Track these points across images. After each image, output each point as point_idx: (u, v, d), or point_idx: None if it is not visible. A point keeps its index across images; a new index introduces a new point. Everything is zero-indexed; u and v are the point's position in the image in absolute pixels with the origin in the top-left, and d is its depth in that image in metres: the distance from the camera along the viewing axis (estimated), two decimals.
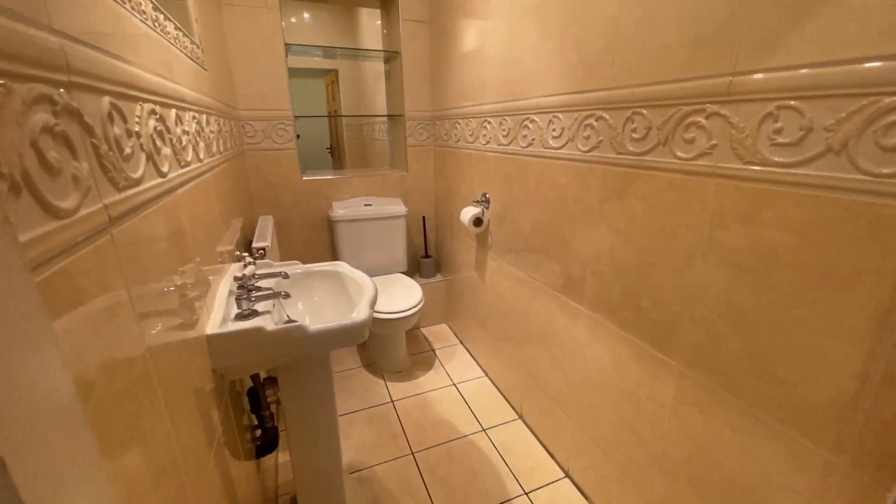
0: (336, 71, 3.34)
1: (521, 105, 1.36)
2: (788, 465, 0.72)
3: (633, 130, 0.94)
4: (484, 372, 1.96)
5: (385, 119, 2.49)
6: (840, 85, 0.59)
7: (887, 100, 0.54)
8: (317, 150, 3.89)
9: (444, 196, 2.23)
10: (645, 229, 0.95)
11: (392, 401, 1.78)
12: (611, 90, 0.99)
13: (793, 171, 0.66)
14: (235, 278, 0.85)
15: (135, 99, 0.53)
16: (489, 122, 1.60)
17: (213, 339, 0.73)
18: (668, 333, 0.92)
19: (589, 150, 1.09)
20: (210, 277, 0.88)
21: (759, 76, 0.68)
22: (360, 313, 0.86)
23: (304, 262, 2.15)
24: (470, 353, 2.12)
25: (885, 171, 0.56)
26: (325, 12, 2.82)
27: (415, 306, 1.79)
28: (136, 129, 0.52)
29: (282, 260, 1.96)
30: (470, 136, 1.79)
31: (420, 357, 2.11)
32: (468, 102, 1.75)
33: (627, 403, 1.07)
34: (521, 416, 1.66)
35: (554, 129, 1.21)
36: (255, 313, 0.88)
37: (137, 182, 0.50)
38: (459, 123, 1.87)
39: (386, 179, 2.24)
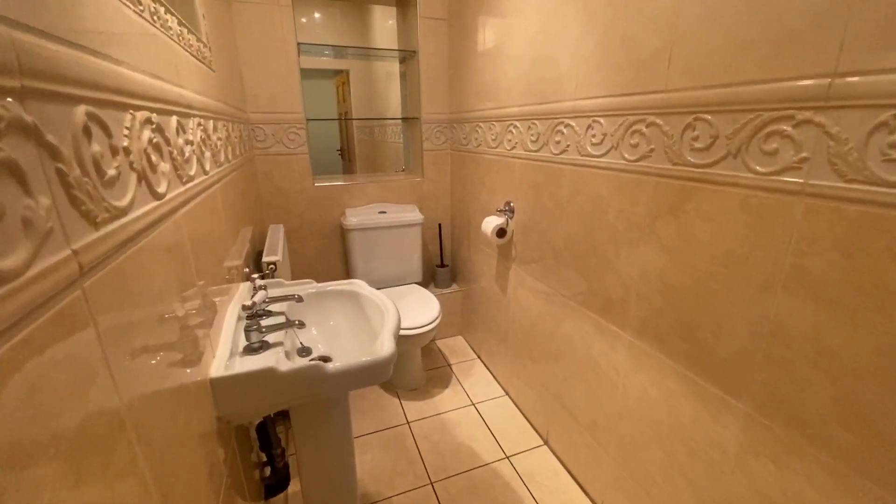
0: (347, 71, 3.25)
1: (553, 108, 1.25)
2: None
3: (695, 139, 0.82)
4: (504, 391, 1.85)
5: (398, 121, 2.39)
6: None
7: None
8: (327, 152, 3.81)
9: (461, 202, 2.12)
10: (707, 252, 0.83)
11: (408, 422, 1.67)
12: (666, 93, 0.87)
13: None
14: (244, 307, 0.75)
15: (123, 107, 0.43)
16: (515, 126, 1.49)
17: (217, 384, 0.63)
18: (735, 371, 0.80)
19: (637, 160, 0.97)
20: (217, 299, 0.78)
21: (871, 78, 0.57)
22: (383, 347, 0.75)
23: (316, 272, 2.08)
24: (488, 370, 2.01)
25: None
26: (336, 10, 2.73)
27: (432, 321, 1.68)
28: (125, 143, 0.42)
29: (293, 272, 1.87)
30: (493, 140, 1.68)
31: (436, 373, 2.01)
32: (491, 105, 1.64)
33: (680, 445, 0.95)
34: (546, 442, 1.55)
35: (594, 135, 1.10)
36: (265, 345, 0.78)
37: (124, 211, 0.40)
38: (481, 127, 1.77)
39: (401, 185, 2.14)
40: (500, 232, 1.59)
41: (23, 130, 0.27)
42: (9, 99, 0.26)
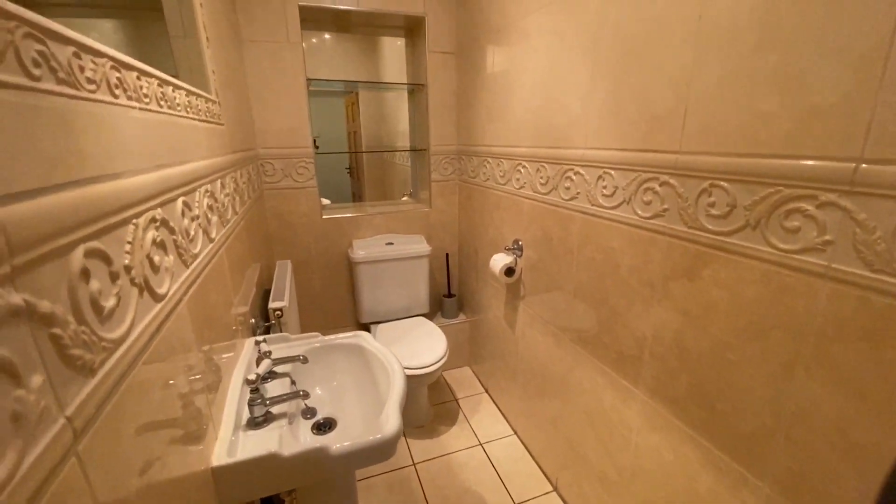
0: (357, 92, 3.28)
1: (563, 154, 1.24)
2: None
3: (711, 205, 0.80)
4: (513, 429, 1.81)
5: (407, 145, 2.40)
6: None
7: None
8: (336, 171, 3.83)
9: (469, 233, 2.11)
10: (725, 321, 0.80)
11: (414, 463, 1.64)
12: (680, 154, 0.85)
13: None
14: (248, 381, 0.73)
15: (125, 222, 0.42)
16: (524, 167, 1.48)
17: (220, 472, 0.61)
18: (756, 448, 0.77)
19: (650, 217, 0.95)
20: (223, 357, 0.77)
21: None
22: (388, 422, 0.73)
23: (323, 305, 2.07)
24: (496, 405, 1.97)
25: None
26: (347, 41, 2.77)
27: (439, 360, 1.65)
28: (126, 261, 0.41)
29: (300, 307, 1.86)
30: (501, 177, 1.66)
31: (442, 408, 1.97)
32: (500, 143, 1.63)
33: None
34: (556, 489, 1.51)
35: (605, 187, 1.08)
36: (270, 416, 0.76)
37: (122, 339, 0.39)
38: (489, 162, 1.76)
39: (409, 215, 2.13)
40: (509, 271, 1.57)
41: (13, 316, 0.26)
42: None
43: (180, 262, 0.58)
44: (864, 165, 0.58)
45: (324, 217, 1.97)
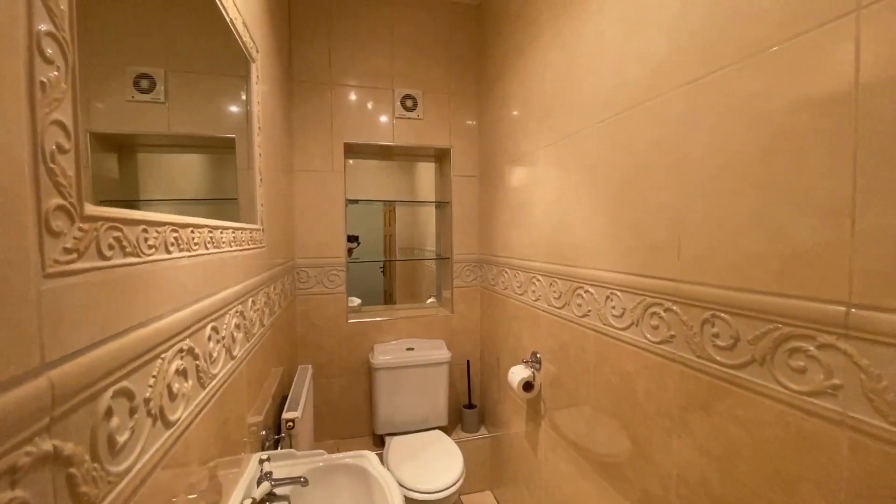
0: (395, 203, 3.64)
1: (573, 272, 1.29)
2: None
3: (715, 335, 0.79)
4: None
5: (433, 258, 2.54)
6: None
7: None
8: (371, 271, 4.05)
9: (490, 340, 2.10)
10: (751, 466, 0.73)
11: None
12: (679, 283, 0.88)
13: None
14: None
15: (155, 357, 0.49)
16: (538, 280, 1.53)
17: None
18: None
19: (660, 343, 0.94)
20: (227, 474, 0.77)
21: (890, 316, 0.54)
22: None
23: (340, 411, 2.04)
24: None
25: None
26: (388, 164, 3.15)
27: (454, 484, 1.53)
28: (148, 394, 0.47)
29: (316, 412, 1.84)
30: (518, 287, 1.71)
31: None
32: (516, 256, 1.72)
33: None
34: None
35: (613, 307, 1.10)
36: None
37: (126, 472, 0.43)
38: (507, 273, 1.83)
39: (431, 320, 2.18)
40: (527, 385, 1.52)
41: (42, 461, 0.31)
42: (35, 438, 0.30)
43: (198, 385, 0.64)
44: (854, 310, 0.58)
45: (349, 321, 2.05)
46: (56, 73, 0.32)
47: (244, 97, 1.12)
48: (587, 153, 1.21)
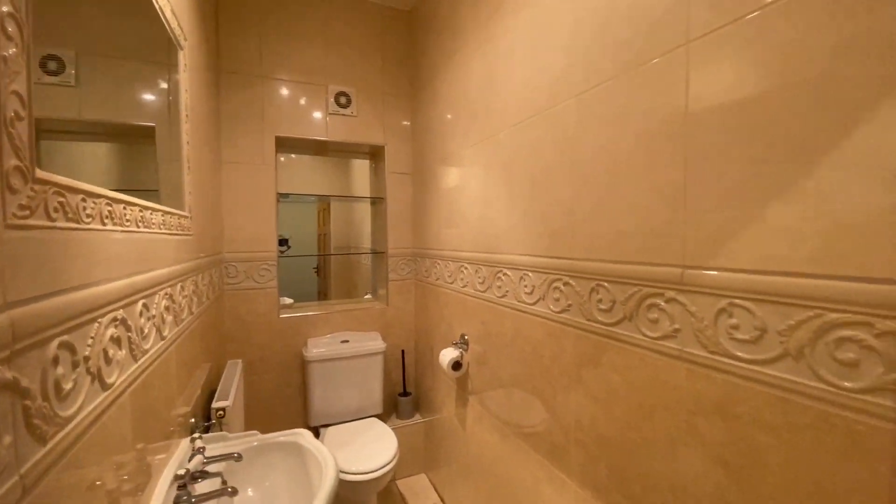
0: (329, 201, 3.60)
1: (495, 259, 1.44)
2: None
3: (600, 301, 0.97)
4: None
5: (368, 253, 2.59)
6: (782, 294, 0.62)
7: (832, 315, 0.57)
8: (303, 270, 3.96)
9: (424, 330, 2.20)
10: (625, 404, 0.92)
11: None
12: (573, 260, 1.05)
13: (755, 368, 0.66)
14: (176, 477, 0.75)
15: (93, 320, 0.53)
16: (466, 268, 1.66)
17: None
18: None
19: (560, 312, 1.11)
20: (155, 459, 0.78)
21: (709, 273, 0.73)
22: None
23: (273, 407, 2.02)
24: None
25: (847, 384, 0.56)
26: (322, 159, 3.13)
27: (388, 463, 1.61)
28: (86, 353, 0.51)
29: (247, 409, 1.81)
30: (448, 277, 1.84)
31: None
32: (447, 248, 1.85)
33: None
34: None
35: (526, 286, 1.26)
36: None
37: (71, 418, 0.47)
38: (439, 264, 1.95)
39: (366, 313, 2.23)
40: (456, 365, 1.65)
41: (3, 388, 0.35)
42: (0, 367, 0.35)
43: (130, 357, 0.67)
44: (686, 271, 0.77)
45: (281, 316, 2.04)
46: (14, 49, 0.36)
47: (165, 85, 1.10)
48: (504, 153, 1.37)
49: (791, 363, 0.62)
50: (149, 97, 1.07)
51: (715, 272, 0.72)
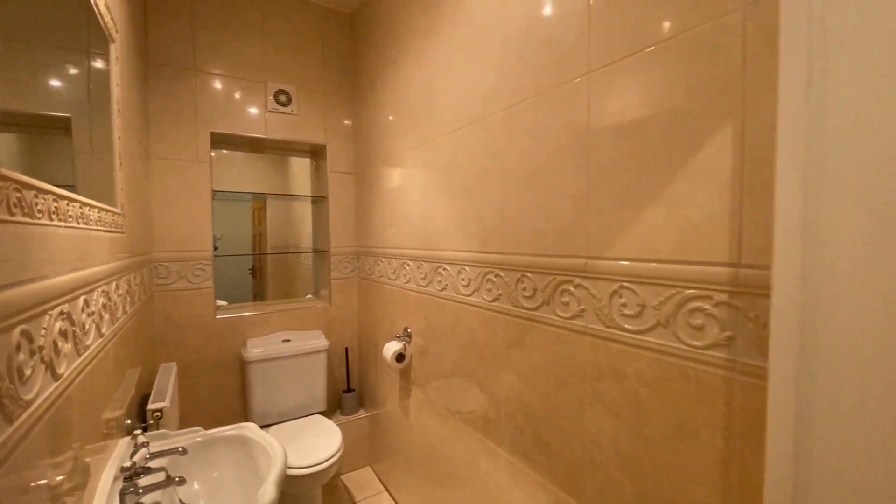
0: (265, 199, 3.49)
1: (436, 255, 1.54)
2: None
3: (524, 289, 1.12)
4: None
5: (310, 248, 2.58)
6: (655, 276, 0.80)
7: (687, 291, 0.75)
8: (237, 271, 3.78)
9: (368, 327, 2.26)
10: (544, 377, 1.07)
11: None
12: (503, 254, 1.19)
13: (638, 336, 0.83)
14: (122, 469, 0.76)
15: (45, 311, 0.55)
16: (408, 265, 1.76)
17: None
18: (577, 478, 0.98)
19: (492, 301, 1.24)
20: (92, 459, 0.78)
21: (605, 262, 0.90)
22: (266, 496, 0.80)
23: (210, 411, 1.96)
24: (396, 503, 1.94)
25: (696, 343, 0.74)
26: (259, 157, 3.04)
27: (332, 456, 1.65)
28: (41, 342, 0.53)
29: (183, 414, 1.76)
30: (392, 273, 1.92)
31: None
32: (391, 246, 1.92)
33: None
34: None
35: (463, 279, 1.38)
36: None
37: (31, 402, 0.49)
38: (382, 261, 2.02)
39: (308, 312, 2.24)
40: (400, 357, 1.73)
41: None
42: None
43: (75, 352, 0.68)
44: (588, 261, 0.93)
45: (218, 317, 1.98)
46: None
47: (77, 72, 1.04)
48: (443, 157, 1.48)
49: (662, 330, 0.79)
50: (66, 86, 1.02)
51: (609, 261, 0.89)
